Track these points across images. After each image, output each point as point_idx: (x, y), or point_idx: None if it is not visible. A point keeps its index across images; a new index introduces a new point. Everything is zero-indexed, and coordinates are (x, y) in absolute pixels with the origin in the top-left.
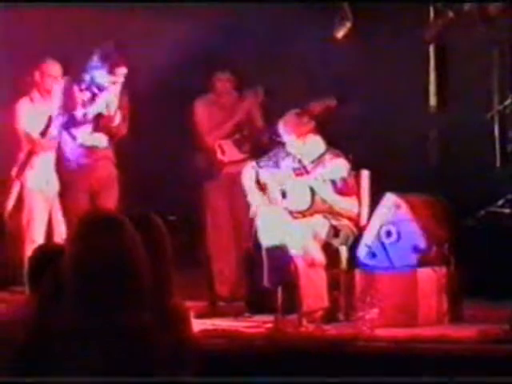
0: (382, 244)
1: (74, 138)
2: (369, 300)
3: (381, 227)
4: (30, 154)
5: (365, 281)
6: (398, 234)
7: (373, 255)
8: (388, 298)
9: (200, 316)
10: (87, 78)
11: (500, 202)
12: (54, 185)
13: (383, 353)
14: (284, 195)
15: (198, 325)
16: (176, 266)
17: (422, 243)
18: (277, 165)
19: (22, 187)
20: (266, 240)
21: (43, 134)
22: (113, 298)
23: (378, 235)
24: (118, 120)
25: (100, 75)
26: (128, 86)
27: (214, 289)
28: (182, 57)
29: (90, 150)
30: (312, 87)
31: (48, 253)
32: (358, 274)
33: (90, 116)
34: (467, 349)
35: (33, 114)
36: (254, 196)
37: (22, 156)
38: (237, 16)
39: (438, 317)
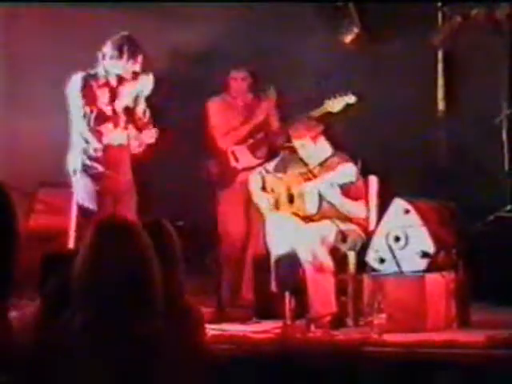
0: (391, 249)
1: (99, 137)
2: (377, 305)
3: (389, 232)
4: None
5: (373, 286)
6: (407, 239)
7: (381, 260)
8: (396, 303)
9: (208, 321)
10: (101, 71)
11: (508, 207)
12: None
13: (391, 358)
14: (291, 200)
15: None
16: (184, 271)
17: (430, 248)
18: (284, 169)
19: None
20: (274, 245)
21: None
22: (125, 306)
23: (387, 240)
24: (147, 113)
25: (117, 66)
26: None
27: (222, 294)
28: (194, 56)
29: (118, 149)
30: (320, 92)
31: (56, 260)
32: (366, 279)
33: (118, 111)
34: (476, 354)
35: None
36: (260, 200)
37: None
38: (246, 18)
39: (446, 322)
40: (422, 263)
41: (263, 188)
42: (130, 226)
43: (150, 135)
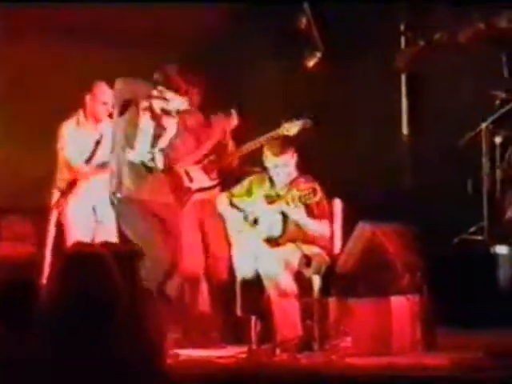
0: (355, 272)
1: None
2: (342, 328)
3: (354, 255)
4: (73, 182)
5: (338, 309)
6: (371, 262)
7: (345, 284)
8: (362, 327)
9: (174, 346)
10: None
11: (472, 229)
12: (101, 213)
13: (357, 382)
14: (256, 222)
15: (172, 355)
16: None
17: (394, 271)
18: (249, 192)
19: (60, 215)
20: (240, 269)
21: (88, 160)
22: (88, 333)
23: (352, 264)
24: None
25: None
26: None
27: (187, 319)
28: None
29: None
30: (283, 116)
31: (19, 285)
32: (331, 302)
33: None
34: (441, 377)
35: (77, 139)
36: (234, 221)
37: (62, 184)
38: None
39: (411, 345)
40: (387, 286)
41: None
42: (93, 254)
43: None
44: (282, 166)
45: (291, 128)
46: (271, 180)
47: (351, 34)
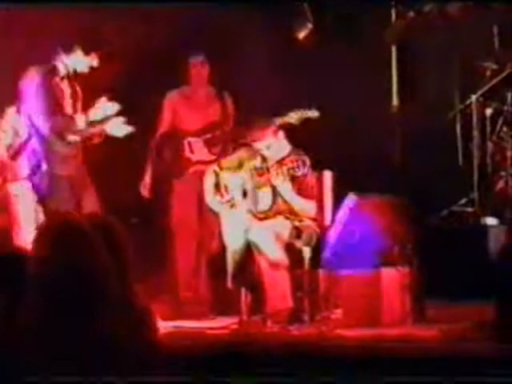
0: (345, 244)
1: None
2: (333, 300)
3: (344, 227)
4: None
5: (329, 281)
6: (361, 234)
7: (336, 255)
8: (352, 298)
9: (164, 318)
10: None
11: (462, 202)
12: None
13: (348, 353)
14: (245, 195)
15: (161, 327)
16: (139, 268)
17: (384, 243)
18: (240, 166)
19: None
20: (229, 241)
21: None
22: (79, 305)
23: (341, 235)
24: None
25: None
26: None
27: (178, 291)
28: (151, 50)
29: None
30: (273, 88)
31: (5, 256)
32: (321, 274)
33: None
34: (430, 348)
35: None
36: (211, 201)
37: None
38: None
39: (401, 316)
40: (377, 258)
41: (216, 186)
42: (79, 224)
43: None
44: (267, 147)
45: (297, 117)
46: (263, 156)
47: (342, 6)
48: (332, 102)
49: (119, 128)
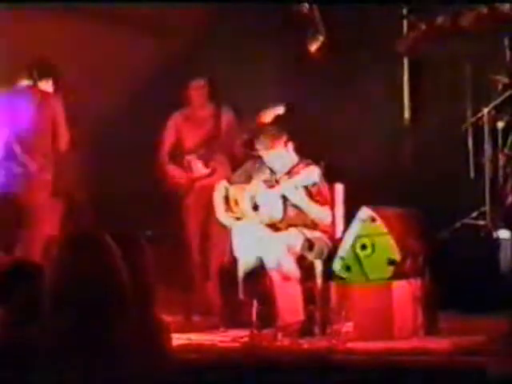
0: (357, 257)
1: None
2: (344, 313)
3: (355, 240)
4: None
5: (340, 294)
6: (373, 246)
7: (347, 268)
8: (363, 311)
9: (174, 330)
10: None
11: (474, 215)
12: None
13: (359, 366)
14: (256, 208)
15: (172, 339)
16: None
17: (396, 256)
18: (249, 178)
19: None
20: (241, 254)
21: None
22: (99, 316)
23: (353, 248)
24: None
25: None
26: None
27: (189, 303)
28: (153, 69)
29: None
30: (285, 99)
31: (22, 268)
32: (333, 287)
33: None
34: (442, 361)
35: None
36: (222, 217)
37: None
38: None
39: (413, 329)
40: (389, 271)
41: (226, 201)
42: (100, 237)
43: None
44: (276, 157)
45: (266, 116)
46: (270, 168)
47: (353, 17)
48: (343, 114)
49: None
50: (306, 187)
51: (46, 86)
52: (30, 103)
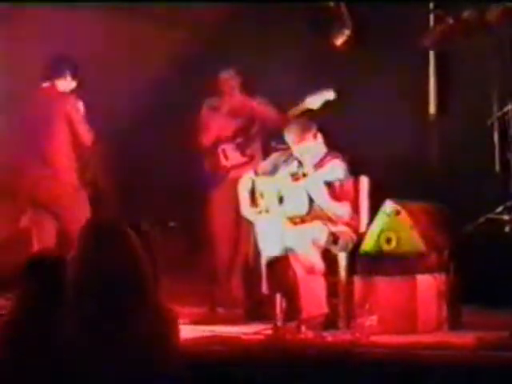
0: (382, 251)
1: None
2: (368, 307)
3: (380, 234)
4: None
5: (364, 288)
6: (398, 240)
7: (372, 262)
8: (387, 305)
9: (199, 322)
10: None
11: (499, 209)
12: None
13: (382, 360)
14: (281, 201)
15: (196, 331)
16: (176, 271)
17: (421, 250)
18: (275, 170)
19: None
20: (265, 247)
21: None
22: (124, 305)
23: (378, 242)
24: None
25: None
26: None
27: (214, 295)
28: (181, 59)
29: None
30: (310, 93)
31: (47, 260)
32: (357, 280)
33: None
34: (466, 355)
35: None
36: (247, 212)
37: None
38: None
39: (437, 323)
40: (413, 265)
41: (252, 194)
42: (120, 227)
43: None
44: (305, 151)
45: (315, 101)
46: (299, 160)
47: (380, 12)
48: (368, 108)
49: None
50: (328, 183)
51: (64, 84)
52: (44, 106)
